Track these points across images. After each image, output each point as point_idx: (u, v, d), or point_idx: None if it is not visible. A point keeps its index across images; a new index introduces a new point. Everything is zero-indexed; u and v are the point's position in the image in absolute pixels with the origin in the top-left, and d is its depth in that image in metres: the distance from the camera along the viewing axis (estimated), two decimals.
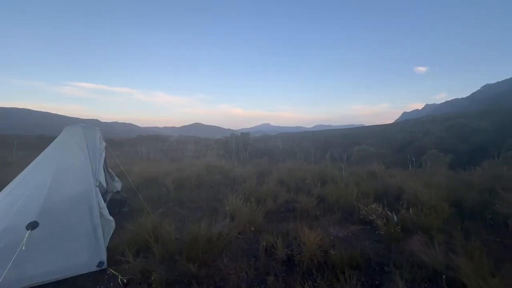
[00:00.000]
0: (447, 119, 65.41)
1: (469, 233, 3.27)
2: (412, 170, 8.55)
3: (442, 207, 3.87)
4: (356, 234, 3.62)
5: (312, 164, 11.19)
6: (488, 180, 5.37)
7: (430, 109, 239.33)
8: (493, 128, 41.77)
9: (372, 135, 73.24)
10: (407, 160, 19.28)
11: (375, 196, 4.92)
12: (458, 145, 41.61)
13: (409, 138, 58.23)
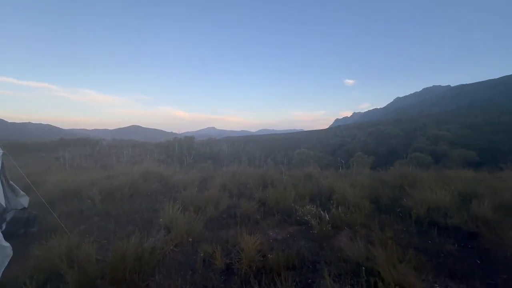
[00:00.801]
0: (369, 126, 75.92)
1: (384, 226, 3.79)
2: (342, 171, 9.54)
3: (364, 204, 4.41)
4: (294, 235, 3.79)
5: (256, 168, 11.46)
6: (398, 178, 6.39)
7: (356, 116, 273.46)
8: (403, 133, 50.18)
9: (310, 139, 79.50)
10: (338, 162, 21.49)
11: (310, 197, 5.29)
12: (378, 148, 48.47)
13: (340, 142, 65.08)
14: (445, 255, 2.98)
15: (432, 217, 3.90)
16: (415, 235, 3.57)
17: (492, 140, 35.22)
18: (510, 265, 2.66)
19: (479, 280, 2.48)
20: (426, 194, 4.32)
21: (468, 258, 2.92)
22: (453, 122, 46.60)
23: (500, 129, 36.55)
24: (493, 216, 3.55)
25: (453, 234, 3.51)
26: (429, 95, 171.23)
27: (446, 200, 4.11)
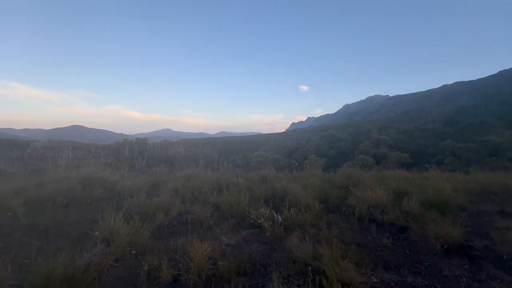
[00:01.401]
0: (322, 130, 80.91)
1: (331, 224, 4.04)
2: (296, 173, 9.94)
3: (314, 204, 4.63)
4: (247, 239, 3.78)
5: (213, 171, 11.22)
6: (344, 179, 6.91)
7: (311, 121, 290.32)
8: (351, 137, 54.64)
9: (268, 142, 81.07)
10: (294, 163, 22.31)
11: (265, 199, 5.36)
12: (329, 151, 51.70)
13: (296, 145, 67.88)
14: (381, 249, 3.28)
15: (372, 214, 4.29)
16: (358, 232, 3.87)
17: (421, 144, 40.80)
18: (431, 254, 3.05)
19: (407, 269, 2.79)
20: (367, 193, 4.74)
21: (399, 250, 3.27)
22: (391, 128, 52.73)
23: (427, 134, 42.58)
24: (419, 211, 4.06)
25: (388, 228, 3.91)
26: (372, 103, 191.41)
27: (383, 198, 4.56)
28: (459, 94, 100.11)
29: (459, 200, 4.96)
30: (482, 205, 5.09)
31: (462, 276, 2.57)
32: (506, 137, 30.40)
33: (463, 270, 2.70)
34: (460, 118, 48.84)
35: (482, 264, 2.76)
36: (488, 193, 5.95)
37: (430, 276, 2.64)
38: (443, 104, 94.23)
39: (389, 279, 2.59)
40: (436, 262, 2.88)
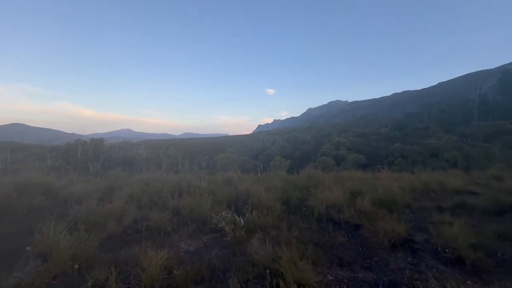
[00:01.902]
0: (287, 132, 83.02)
1: (292, 225, 4.12)
2: (260, 175, 10.03)
3: (276, 206, 4.69)
4: (208, 244, 3.66)
5: (176, 174, 10.75)
6: (305, 180, 7.16)
7: (277, 123, 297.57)
8: (313, 140, 56.93)
9: (235, 144, 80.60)
10: (262, 165, 22.57)
11: (228, 202, 5.28)
12: (294, 152, 53.21)
13: (262, 147, 68.47)
14: (337, 247, 3.45)
15: (330, 213, 4.50)
16: (316, 231, 4.01)
17: (375, 147, 44.41)
18: (380, 249, 3.29)
19: (359, 265, 2.96)
20: (326, 193, 4.96)
21: (353, 247, 3.46)
22: (350, 131, 56.49)
23: (380, 138, 46.54)
24: (371, 209, 4.36)
25: (344, 227, 4.12)
26: (333, 108, 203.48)
27: (340, 198, 4.82)
28: (406, 102, 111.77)
29: (405, 198, 5.47)
30: (424, 202, 5.69)
31: (405, 268, 2.81)
32: (444, 141, 34.62)
33: (406, 262, 2.95)
34: (407, 124, 54.40)
35: (422, 256, 3.06)
36: (429, 191, 6.68)
37: (379, 270, 2.83)
38: (393, 110, 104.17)
39: (343, 276, 2.72)
40: (384, 256, 3.11)
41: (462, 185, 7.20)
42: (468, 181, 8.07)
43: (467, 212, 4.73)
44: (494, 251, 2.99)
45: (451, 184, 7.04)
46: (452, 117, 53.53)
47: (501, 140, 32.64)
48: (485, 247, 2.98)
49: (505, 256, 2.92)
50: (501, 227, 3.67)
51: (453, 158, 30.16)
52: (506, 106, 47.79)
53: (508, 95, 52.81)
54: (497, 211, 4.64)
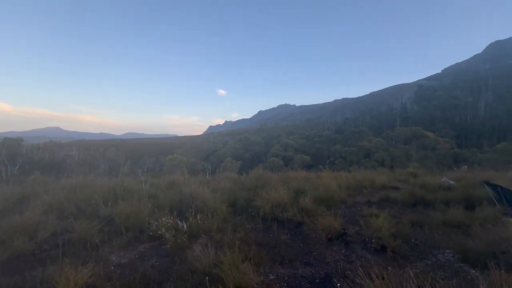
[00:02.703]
0: (238, 133, 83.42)
1: (237, 227, 4.07)
2: (209, 176, 9.77)
3: (222, 208, 4.58)
4: (144, 255, 3.34)
5: (117, 178, 9.66)
6: (253, 180, 7.23)
7: (228, 125, 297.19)
8: (264, 141, 58.40)
9: (184, 145, 77.30)
10: (212, 167, 22.03)
11: (171, 207, 4.95)
12: (245, 154, 53.72)
13: (213, 148, 67.27)
14: (280, 245, 3.52)
15: (275, 213, 4.59)
16: (261, 231, 4.05)
17: (319, 148, 47.98)
18: (319, 244, 3.49)
19: (300, 261, 3.07)
20: (271, 193, 5.06)
21: (295, 244, 3.59)
22: (297, 134, 59.90)
23: (323, 140, 50.47)
24: (312, 207, 4.62)
25: (287, 225, 4.26)
26: (283, 111, 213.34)
27: (285, 198, 4.98)
28: (345, 107, 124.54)
29: (341, 194, 5.98)
30: (357, 197, 6.31)
31: (339, 260, 3.03)
32: (374, 143, 39.46)
33: (340, 254, 3.19)
34: (346, 127, 60.41)
35: (354, 247, 3.35)
36: (361, 187, 7.45)
37: (317, 264, 2.99)
38: (334, 115, 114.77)
39: (284, 273, 2.78)
40: (322, 251, 3.30)
41: (387, 182, 8.26)
42: (392, 178, 9.31)
43: (390, 205, 5.42)
44: (409, 238, 3.46)
45: (378, 181, 8.00)
46: (381, 122, 61.55)
47: (416, 143, 38.98)
48: (403, 235, 3.42)
49: (417, 241, 3.40)
50: (415, 217, 4.29)
51: (382, 158, 34.66)
52: (420, 115, 57.13)
53: (422, 106, 63.26)
54: (413, 203, 5.43)
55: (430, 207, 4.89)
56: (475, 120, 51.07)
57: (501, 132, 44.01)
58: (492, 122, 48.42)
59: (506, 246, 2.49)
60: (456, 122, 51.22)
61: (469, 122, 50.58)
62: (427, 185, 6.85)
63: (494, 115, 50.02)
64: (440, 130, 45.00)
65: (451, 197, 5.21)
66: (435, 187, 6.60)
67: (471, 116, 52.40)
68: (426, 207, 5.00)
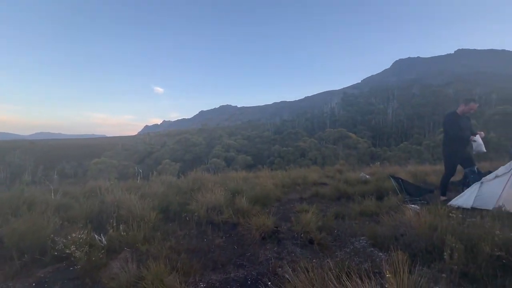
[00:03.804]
0: (178, 134, 79.48)
1: (168, 235, 3.76)
2: (142, 181, 8.88)
3: (151, 215, 4.17)
4: (45, 281, 2.73)
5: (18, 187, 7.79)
6: (191, 183, 6.89)
7: (166, 124, 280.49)
8: (205, 142, 57.08)
9: (115, 147, 69.57)
10: (147, 170, 20.34)
11: (88, 219, 4.24)
12: (185, 155, 51.59)
13: (150, 149, 62.50)
14: (214, 250, 3.39)
15: (210, 216, 4.43)
16: (195, 237, 3.83)
17: (259, 148, 49.61)
18: (253, 244, 3.50)
19: (233, 264, 3.00)
20: (208, 196, 4.88)
21: (229, 247, 3.52)
22: (238, 134, 60.58)
23: (264, 140, 52.41)
24: (248, 207, 4.64)
25: (223, 228, 4.16)
26: (224, 111, 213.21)
27: (221, 199, 4.86)
28: (283, 110, 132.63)
29: (277, 192, 6.23)
30: (291, 194, 6.68)
31: (271, 258, 3.08)
32: (308, 143, 43.06)
33: (272, 252, 3.26)
34: (284, 129, 64.23)
35: (285, 243, 3.47)
36: (295, 185, 7.94)
37: (250, 265, 2.97)
38: (274, 117, 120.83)
39: (215, 279, 2.66)
40: (255, 251, 3.31)
41: (318, 178, 9.05)
42: (322, 175, 10.25)
43: (319, 200, 5.91)
44: (333, 229, 3.80)
45: (310, 178, 8.68)
46: (314, 124, 67.77)
47: (342, 143, 44.32)
48: (327, 227, 3.73)
49: (339, 232, 3.76)
50: (338, 209, 4.76)
51: (315, 156, 38.12)
52: (345, 118, 65.25)
53: (346, 110, 72.42)
54: (337, 196, 6.04)
55: (350, 200, 5.51)
56: (385, 124, 61.17)
57: (403, 134, 53.79)
58: (397, 125, 58.82)
59: (403, 229, 2.95)
60: (372, 125, 60.35)
61: (381, 125, 60.28)
62: (349, 180, 7.76)
63: (398, 120, 60.94)
64: (360, 132, 52.16)
65: (366, 190, 5.99)
66: (355, 181, 7.53)
67: (382, 120, 62.58)
68: (348, 200, 5.63)
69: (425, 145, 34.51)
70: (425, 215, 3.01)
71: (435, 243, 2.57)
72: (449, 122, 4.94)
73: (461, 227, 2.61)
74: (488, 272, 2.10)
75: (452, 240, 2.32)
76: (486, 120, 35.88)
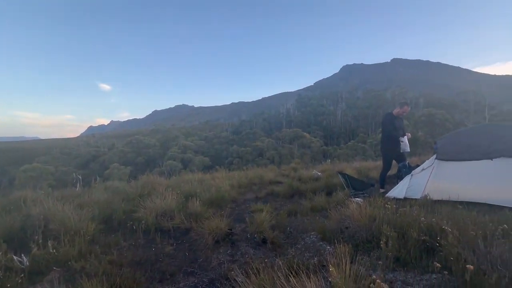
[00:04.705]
0: (128, 135, 73.69)
1: (109, 247, 3.38)
2: (81, 189, 7.91)
3: (89, 227, 3.71)
4: None
5: None
6: (140, 188, 6.37)
7: (115, 125, 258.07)
8: (159, 143, 54.02)
9: (52, 150, 61.50)
10: (92, 176, 18.27)
11: (6, 237, 3.57)
12: (136, 158, 48.06)
13: (95, 153, 56.76)
14: (162, 259, 3.16)
15: (160, 223, 4.14)
16: (142, 247, 3.52)
17: (218, 149, 48.91)
18: (206, 249, 3.36)
19: (183, 273, 2.83)
20: (158, 201, 4.55)
21: (180, 254, 3.32)
22: (195, 135, 58.79)
23: (222, 141, 51.82)
24: (201, 210, 4.46)
25: (174, 234, 3.92)
26: (180, 111, 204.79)
27: (173, 204, 4.59)
28: (241, 110, 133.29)
29: (233, 193, 6.15)
30: (247, 194, 6.68)
31: (224, 262, 2.99)
32: (266, 143, 44.00)
33: (226, 255, 3.17)
34: (242, 129, 64.53)
35: (239, 245, 3.42)
36: (252, 184, 7.97)
37: (201, 272, 2.84)
38: (232, 117, 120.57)
39: None
40: (208, 256, 3.19)
41: (274, 177, 9.24)
42: (278, 174, 10.50)
43: (274, 198, 6.02)
44: (286, 227, 3.88)
45: (267, 177, 8.82)
46: (271, 125, 69.64)
47: (298, 142, 46.47)
48: (280, 225, 3.80)
49: (291, 229, 3.86)
50: (291, 207, 4.91)
51: (272, 156, 39.13)
52: (300, 119, 68.57)
53: (301, 111, 76.17)
54: (291, 194, 6.25)
55: (303, 197, 5.74)
56: (335, 124, 66.16)
57: (350, 133, 58.79)
58: (345, 126, 64.10)
59: (348, 222, 3.15)
60: (324, 125, 64.66)
61: (332, 125, 65.02)
62: (302, 178, 8.10)
63: (346, 120, 66.47)
64: (313, 132, 55.31)
65: (318, 187, 6.32)
66: (308, 179, 7.90)
67: (333, 120, 67.59)
68: (301, 197, 5.86)
69: (369, 143, 38.33)
70: (366, 207, 3.27)
71: (374, 233, 2.80)
72: (386, 122, 5.53)
73: (394, 217, 2.90)
74: (415, 255, 2.37)
75: (387, 229, 2.55)
76: (415, 121, 41.43)
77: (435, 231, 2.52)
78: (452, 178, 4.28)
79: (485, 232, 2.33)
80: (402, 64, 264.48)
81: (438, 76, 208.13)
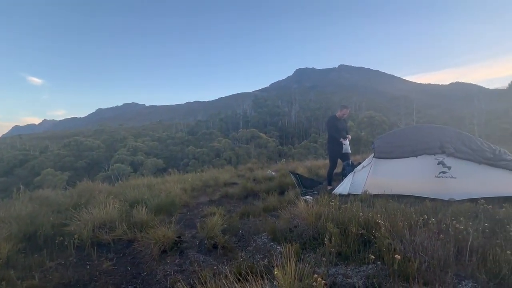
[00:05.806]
0: (66, 136, 65.38)
1: (30, 270, 2.88)
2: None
3: (3, 247, 3.10)
4: None
5: None
6: (75, 197, 5.62)
7: (48, 124, 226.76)
8: (105, 145, 49.14)
9: None
10: (19, 184, 15.57)
11: None
12: (76, 162, 43.03)
13: (23, 157, 49.08)
14: (99, 277, 2.80)
15: (97, 236, 3.69)
16: (74, 265, 3.08)
17: (172, 150, 46.59)
18: (151, 261, 3.10)
19: None
20: (95, 211, 4.06)
21: (121, 269, 3.00)
22: (147, 136, 55.02)
23: (177, 142, 49.53)
24: (148, 218, 4.12)
25: (113, 248, 3.53)
26: (129, 110, 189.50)
27: (114, 213, 4.14)
28: (197, 110, 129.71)
29: (184, 197, 5.87)
30: (200, 198, 6.46)
31: (171, 273, 2.80)
32: (223, 144, 43.53)
33: (173, 265, 2.97)
34: (198, 129, 62.73)
35: (188, 253, 3.24)
36: (206, 187, 7.75)
37: (144, 287, 2.60)
38: (187, 117, 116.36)
39: None
40: (153, 268, 2.94)
41: (229, 178, 9.15)
42: (234, 174, 10.44)
43: (228, 201, 5.94)
44: (238, 230, 3.83)
45: (222, 178, 8.68)
46: (228, 125, 69.26)
47: (254, 142, 47.16)
48: (232, 229, 3.74)
49: (243, 231, 3.82)
50: (244, 208, 4.87)
51: (229, 156, 38.91)
52: (256, 119, 69.70)
53: (257, 112, 77.51)
54: (245, 195, 6.24)
55: (257, 197, 5.79)
56: (290, 124, 69.10)
57: (304, 133, 62.01)
58: (299, 126, 67.42)
59: (297, 221, 3.25)
60: (279, 126, 66.98)
61: (286, 126, 67.73)
62: (257, 178, 8.20)
63: (300, 121, 69.98)
64: (269, 132, 56.78)
65: (271, 186, 6.45)
66: (262, 179, 8.02)
67: (287, 121, 70.46)
68: (254, 198, 5.89)
69: (320, 143, 41.03)
70: (313, 205, 3.43)
71: (319, 230, 2.94)
72: (330, 124, 5.94)
73: (337, 213, 3.09)
74: (355, 248, 2.55)
75: (331, 226, 2.70)
76: (359, 122, 45.90)
77: (371, 225, 2.76)
78: (387, 174, 4.80)
79: (410, 222, 2.63)
80: (348, 71, 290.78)
81: (376, 82, 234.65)
